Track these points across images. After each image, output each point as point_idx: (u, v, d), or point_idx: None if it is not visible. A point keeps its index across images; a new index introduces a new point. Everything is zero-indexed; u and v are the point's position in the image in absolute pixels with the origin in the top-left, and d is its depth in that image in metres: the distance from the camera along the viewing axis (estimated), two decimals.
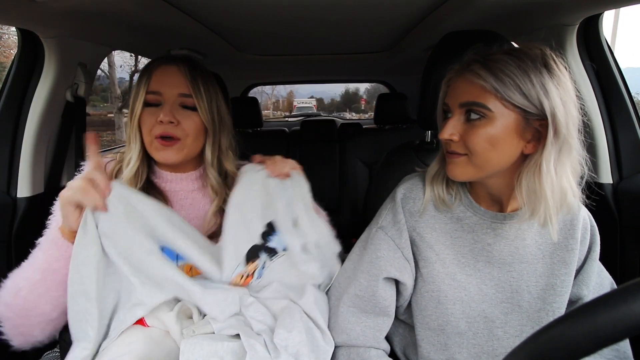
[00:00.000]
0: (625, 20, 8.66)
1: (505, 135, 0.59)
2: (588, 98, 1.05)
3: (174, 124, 0.75)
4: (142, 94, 0.75)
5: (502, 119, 0.58)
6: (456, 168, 0.64)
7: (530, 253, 0.69)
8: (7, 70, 1.06)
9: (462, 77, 0.62)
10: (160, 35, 1.22)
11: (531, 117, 0.58)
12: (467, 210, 0.71)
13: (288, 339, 0.64)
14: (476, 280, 0.69)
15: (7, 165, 1.04)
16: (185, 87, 0.76)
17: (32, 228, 1.05)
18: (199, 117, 0.78)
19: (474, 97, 0.59)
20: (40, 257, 0.68)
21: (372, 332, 0.72)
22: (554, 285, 0.68)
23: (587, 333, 0.30)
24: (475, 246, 0.69)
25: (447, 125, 0.63)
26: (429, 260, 0.70)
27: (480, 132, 0.59)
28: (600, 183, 1.04)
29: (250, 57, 1.80)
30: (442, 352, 0.70)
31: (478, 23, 1.09)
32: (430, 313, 0.70)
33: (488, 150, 0.60)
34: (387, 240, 0.72)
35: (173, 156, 0.76)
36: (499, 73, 0.57)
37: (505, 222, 0.68)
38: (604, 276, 0.75)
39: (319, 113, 10.83)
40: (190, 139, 0.77)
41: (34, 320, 0.67)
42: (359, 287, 0.72)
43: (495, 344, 0.69)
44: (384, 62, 2.03)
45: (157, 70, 0.77)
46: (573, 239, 0.69)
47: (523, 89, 0.56)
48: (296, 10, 1.08)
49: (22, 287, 0.66)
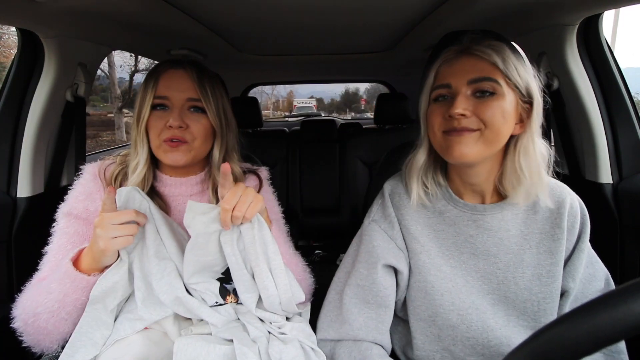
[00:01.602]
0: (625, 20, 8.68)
1: (511, 111, 0.63)
2: (588, 98, 1.05)
3: (183, 128, 0.75)
4: (149, 99, 0.75)
5: (508, 95, 0.62)
6: (466, 147, 0.62)
7: (516, 243, 0.69)
8: (7, 70, 1.06)
9: (466, 56, 0.64)
10: (161, 36, 1.22)
11: (521, 99, 0.64)
12: (447, 203, 0.73)
13: (283, 351, 0.64)
14: (462, 272, 0.70)
15: (7, 165, 1.04)
16: (194, 91, 0.76)
17: (32, 228, 1.05)
18: (207, 120, 0.78)
19: (485, 73, 0.62)
20: (56, 288, 0.65)
21: (375, 323, 0.73)
22: (540, 275, 0.69)
23: (587, 333, 0.30)
24: (458, 239, 0.71)
25: (458, 100, 0.62)
26: (415, 252, 0.72)
27: (494, 104, 0.62)
28: (600, 183, 1.04)
29: (250, 57, 1.80)
30: (436, 343, 0.71)
31: (478, 23, 1.09)
32: (420, 304, 0.71)
33: (502, 124, 0.62)
34: (380, 232, 0.75)
35: (181, 158, 0.76)
36: (501, 54, 0.62)
37: (486, 213, 0.69)
38: (598, 267, 0.73)
39: (319, 113, 10.83)
40: (198, 142, 0.77)
41: (55, 337, 0.67)
42: (360, 277, 0.73)
43: (490, 334, 0.69)
44: (384, 62, 2.03)
45: (165, 75, 0.76)
46: (559, 228, 0.69)
47: (519, 71, 0.63)
48: (296, 11, 1.08)
49: (40, 312, 0.65)
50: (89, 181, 0.78)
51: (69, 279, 0.64)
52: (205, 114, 0.78)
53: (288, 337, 0.68)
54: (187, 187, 0.83)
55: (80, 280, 0.64)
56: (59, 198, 0.78)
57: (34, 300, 0.66)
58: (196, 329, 0.68)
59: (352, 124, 2.49)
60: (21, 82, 1.04)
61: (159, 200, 0.80)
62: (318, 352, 0.69)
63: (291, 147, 2.25)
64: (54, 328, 0.66)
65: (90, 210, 0.76)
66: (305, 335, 0.71)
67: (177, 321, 0.69)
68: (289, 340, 0.67)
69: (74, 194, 0.77)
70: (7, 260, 1.00)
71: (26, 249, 1.03)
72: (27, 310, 0.66)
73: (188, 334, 0.66)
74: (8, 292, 1.00)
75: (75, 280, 0.64)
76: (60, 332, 0.67)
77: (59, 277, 0.65)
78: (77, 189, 0.78)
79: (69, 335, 0.66)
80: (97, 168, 0.80)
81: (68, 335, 0.67)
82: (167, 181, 0.82)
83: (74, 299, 0.65)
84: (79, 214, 0.75)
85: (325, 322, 0.74)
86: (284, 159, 2.20)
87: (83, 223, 0.75)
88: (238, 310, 0.72)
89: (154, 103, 0.76)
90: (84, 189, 0.77)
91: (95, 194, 0.77)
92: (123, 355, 0.60)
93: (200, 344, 0.61)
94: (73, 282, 0.64)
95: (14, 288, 1.01)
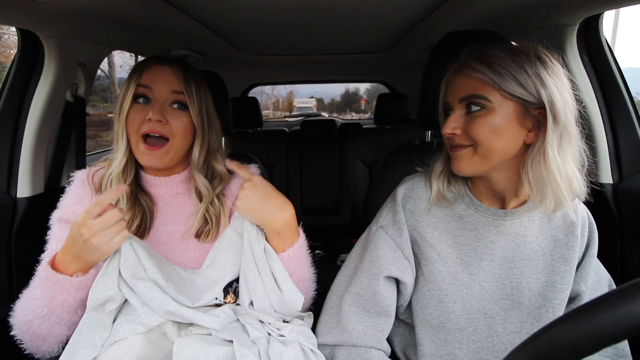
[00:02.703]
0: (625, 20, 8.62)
1: (506, 124, 0.61)
2: (588, 98, 1.04)
3: (162, 122, 0.73)
4: (131, 89, 0.74)
5: (501, 109, 0.60)
6: (461, 161, 0.65)
7: (532, 250, 0.69)
8: (7, 70, 1.06)
9: (460, 74, 0.64)
10: (161, 35, 1.22)
11: (530, 106, 0.60)
12: (468, 208, 0.71)
13: (283, 353, 0.64)
14: (478, 278, 0.69)
15: (7, 165, 1.04)
16: (178, 84, 0.75)
17: (32, 228, 1.05)
18: (188, 117, 0.77)
19: (473, 90, 0.61)
20: (40, 294, 0.65)
21: (374, 332, 0.72)
22: (554, 282, 0.69)
23: (587, 333, 0.30)
24: (479, 244, 0.70)
25: (449, 120, 0.65)
26: (430, 259, 0.70)
27: (482, 121, 0.61)
28: (601, 183, 1.04)
29: (250, 57, 1.80)
30: (442, 347, 0.70)
31: (478, 23, 1.09)
32: (431, 311, 0.70)
33: (491, 139, 0.61)
34: (387, 240, 0.72)
35: (157, 161, 0.75)
36: (495, 66, 0.60)
37: (507, 218, 0.69)
38: (601, 273, 0.75)
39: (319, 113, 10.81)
40: (177, 140, 0.76)
41: (52, 341, 0.67)
42: (360, 286, 0.72)
43: (495, 339, 0.69)
44: (384, 62, 2.03)
45: (151, 69, 0.76)
46: (573, 236, 0.70)
47: (519, 79, 0.59)
48: (296, 12, 1.08)
49: (31, 319, 0.65)
50: (79, 187, 0.79)
51: (52, 283, 0.64)
52: (187, 111, 0.77)
53: (288, 339, 0.68)
54: (172, 186, 0.83)
55: (63, 282, 0.64)
56: (59, 198, 0.79)
57: (24, 308, 0.66)
58: (196, 330, 0.67)
59: (352, 124, 2.49)
60: (21, 82, 1.04)
61: (148, 199, 0.80)
62: (318, 355, 0.68)
63: (291, 147, 2.25)
64: (48, 332, 0.66)
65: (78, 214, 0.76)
66: (305, 337, 0.71)
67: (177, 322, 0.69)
68: (289, 342, 0.66)
69: (65, 200, 0.78)
70: (7, 260, 1.00)
71: (26, 249, 1.03)
72: (20, 318, 0.66)
73: (187, 334, 0.66)
74: (8, 292, 1.00)
75: (57, 283, 0.64)
76: (56, 335, 0.67)
77: (41, 283, 0.65)
78: (68, 194, 0.79)
79: (67, 337, 0.66)
80: (85, 174, 0.81)
81: (65, 337, 0.67)
82: (151, 181, 0.82)
83: (60, 302, 0.65)
84: (69, 218, 0.76)
85: (324, 328, 0.74)
86: (284, 159, 2.20)
87: None
88: (237, 312, 0.72)
89: (137, 93, 0.74)
90: (74, 194, 0.78)
91: (85, 198, 0.78)
92: (122, 356, 0.60)
93: (199, 345, 0.61)
94: (56, 285, 0.64)
95: (13, 288, 1.01)
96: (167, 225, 0.81)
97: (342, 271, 0.79)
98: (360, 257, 0.76)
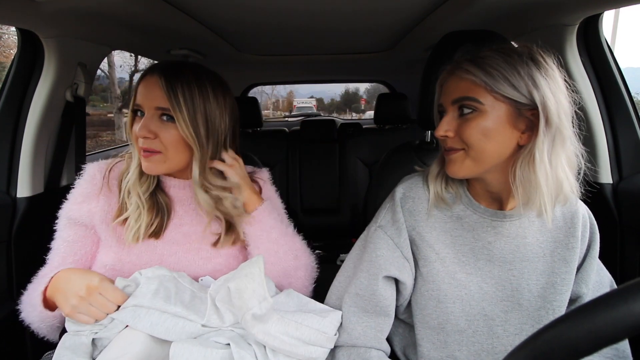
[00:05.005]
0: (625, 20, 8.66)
1: (498, 126, 0.60)
2: (588, 98, 1.04)
3: (150, 138, 0.72)
4: (132, 101, 0.75)
5: (493, 111, 0.60)
6: (454, 164, 0.65)
7: (531, 251, 0.69)
8: (7, 70, 1.06)
9: (453, 76, 0.64)
10: (161, 36, 1.22)
11: (523, 108, 0.59)
12: (467, 208, 0.71)
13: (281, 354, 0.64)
14: (477, 279, 0.69)
15: (7, 165, 1.04)
16: (162, 99, 0.71)
17: (32, 228, 1.05)
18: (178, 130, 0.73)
19: (465, 92, 0.61)
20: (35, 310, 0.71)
21: (374, 332, 0.72)
22: (555, 283, 0.68)
23: (587, 333, 0.29)
24: (476, 244, 0.70)
25: (442, 122, 0.65)
26: (429, 260, 0.70)
27: (473, 124, 0.61)
28: (600, 183, 1.04)
29: (250, 57, 1.80)
30: (442, 349, 0.70)
31: (478, 23, 1.09)
32: (430, 312, 0.70)
33: (483, 142, 0.61)
34: (386, 239, 0.72)
35: (154, 168, 0.74)
36: (487, 68, 0.59)
37: (505, 220, 0.68)
38: (603, 274, 0.75)
39: (319, 113, 10.81)
40: (171, 152, 0.73)
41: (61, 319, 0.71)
42: (359, 286, 0.72)
43: (495, 341, 0.69)
44: (384, 62, 2.03)
45: (143, 82, 0.74)
46: (573, 237, 0.69)
47: (512, 81, 0.58)
48: (296, 12, 1.08)
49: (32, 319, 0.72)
50: (88, 182, 0.78)
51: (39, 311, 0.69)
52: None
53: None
54: (190, 189, 0.82)
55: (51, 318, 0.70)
56: (58, 198, 0.79)
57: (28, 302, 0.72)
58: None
59: (352, 124, 2.49)
60: (21, 82, 1.04)
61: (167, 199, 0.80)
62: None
63: (291, 147, 2.25)
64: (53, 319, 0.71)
65: (87, 212, 0.76)
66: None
67: None
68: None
69: (73, 195, 0.78)
70: (7, 260, 1.00)
71: (26, 249, 1.03)
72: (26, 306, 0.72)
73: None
74: (8, 292, 1.00)
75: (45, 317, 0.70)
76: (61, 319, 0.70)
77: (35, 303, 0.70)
78: (77, 190, 0.78)
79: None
80: (96, 169, 0.80)
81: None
82: (169, 183, 0.82)
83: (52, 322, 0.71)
84: (76, 217, 0.76)
85: None
86: (284, 159, 2.20)
87: (80, 227, 0.76)
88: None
89: (134, 109, 0.75)
90: (81, 191, 0.78)
91: (93, 195, 0.77)
92: (123, 354, 0.60)
93: (196, 348, 0.60)
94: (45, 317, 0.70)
95: (13, 288, 1.01)
96: (183, 227, 0.80)
97: (341, 271, 0.79)
98: (360, 257, 0.76)
